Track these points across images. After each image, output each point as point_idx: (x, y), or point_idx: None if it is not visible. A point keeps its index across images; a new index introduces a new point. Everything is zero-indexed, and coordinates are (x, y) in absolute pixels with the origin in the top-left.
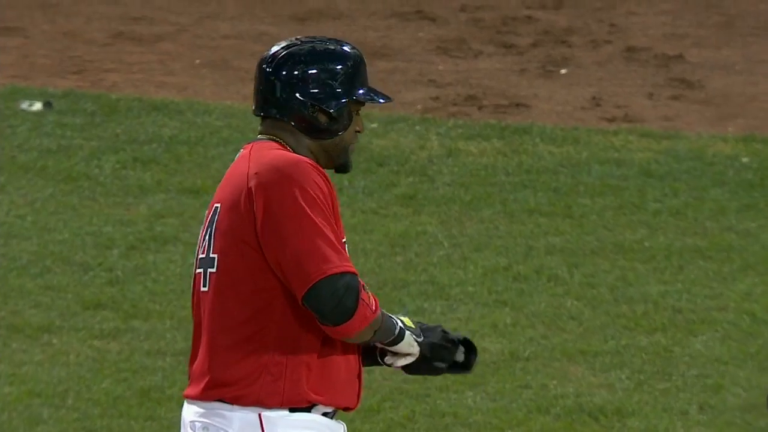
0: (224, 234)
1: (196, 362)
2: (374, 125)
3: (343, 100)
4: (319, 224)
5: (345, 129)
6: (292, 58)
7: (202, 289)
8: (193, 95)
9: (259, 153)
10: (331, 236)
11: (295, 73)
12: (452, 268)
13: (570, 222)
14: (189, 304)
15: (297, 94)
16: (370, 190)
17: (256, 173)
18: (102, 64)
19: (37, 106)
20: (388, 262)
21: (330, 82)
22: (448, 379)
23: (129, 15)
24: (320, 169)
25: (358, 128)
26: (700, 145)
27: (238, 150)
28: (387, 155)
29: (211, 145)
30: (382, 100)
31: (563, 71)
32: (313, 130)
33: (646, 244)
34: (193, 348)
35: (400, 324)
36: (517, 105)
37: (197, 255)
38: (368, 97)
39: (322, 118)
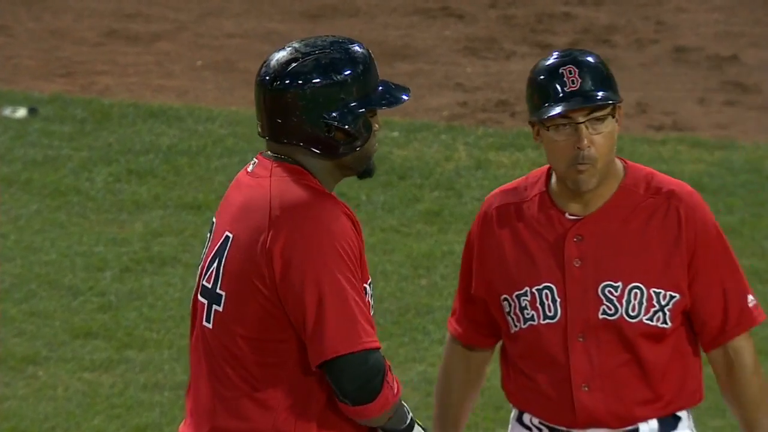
0: (235, 275)
1: (198, 400)
2: (395, 134)
3: (360, 112)
4: (348, 288)
5: (366, 141)
6: (296, 76)
7: (205, 323)
8: (194, 100)
9: (281, 186)
10: (360, 302)
11: (303, 93)
12: None
13: None
14: (189, 332)
15: (308, 117)
16: (391, 206)
17: (278, 216)
18: (93, 65)
19: (21, 112)
20: (410, 285)
21: (342, 96)
22: (478, 416)
23: (123, 11)
24: (348, 211)
25: (376, 127)
26: (757, 155)
27: (245, 161)
28: (409, 167)
29: (214, 156)
30: (404, 98)
31: None
32: (331, 151)
33: None
34: (191, 380)
35: (410, 414)
36: None
37: (200, 279)
38: (385, 102)
39: (340, 137)
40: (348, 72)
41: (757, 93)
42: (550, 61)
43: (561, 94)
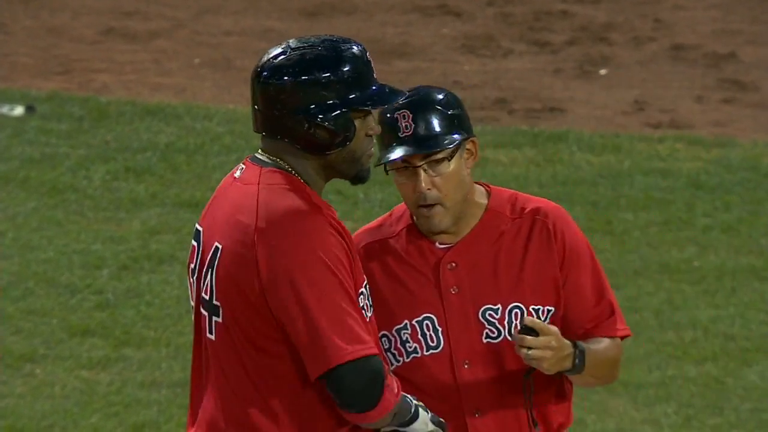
0: (228, 286)
1: (203, 412)
2: None
3: (340, 111)
4: (338, 299)
5: (350, 140)
6: (280, 70)
7: (209, 335)
8: (192, 98)
9: (268, 196)
10: (353, 311)
11: (285, 87)
12: None
13: (610, 239)
14: (187, 330)
15: (290, 111)
16: (389, 204)
17: (263, 229)
18: (90, 63)
19: (19, 110)
20: None
21: (324, 93)
22: None
23: (120, 9)
24: (333, 221)
25: (369, 131)
26: (754, 153)
27: (242, 159)
28: None
29: (211, 154)
30: (387, 104)
31: (602, 72)
32: (314, 147)
33: (695, 263)
34: (194, 388)
35: (414, 402)
36: (552, 109)
37: (199, 291)
38: (370, 103)
39: (321, 134)
40: (332, 70)
41: (754, 91)
42: (393, 104)
43: (395, 141)
